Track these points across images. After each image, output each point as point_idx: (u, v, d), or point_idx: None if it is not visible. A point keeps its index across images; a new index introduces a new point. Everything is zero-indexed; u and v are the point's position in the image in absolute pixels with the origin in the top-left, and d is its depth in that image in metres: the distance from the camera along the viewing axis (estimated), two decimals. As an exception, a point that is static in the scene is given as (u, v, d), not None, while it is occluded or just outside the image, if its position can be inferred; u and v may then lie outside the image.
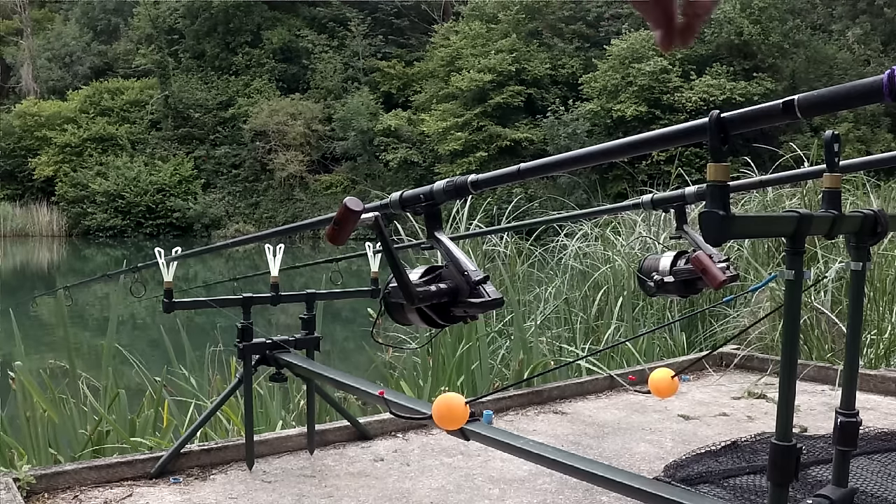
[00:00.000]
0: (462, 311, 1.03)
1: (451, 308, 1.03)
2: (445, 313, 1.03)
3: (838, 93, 0.67)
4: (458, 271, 1.02)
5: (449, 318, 1.04)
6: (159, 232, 27.65)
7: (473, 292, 1.01)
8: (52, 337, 7.34)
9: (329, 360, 4.92)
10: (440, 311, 1.03)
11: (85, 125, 29.00)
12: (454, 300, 1.02)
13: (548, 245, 6.05)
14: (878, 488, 2.26)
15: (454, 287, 1.02)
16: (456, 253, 1.03)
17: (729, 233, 1.21)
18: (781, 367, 1.42)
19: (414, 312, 1.03)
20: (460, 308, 1.02)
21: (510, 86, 24.58)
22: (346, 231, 1.05)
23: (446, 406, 1.34)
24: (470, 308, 1.01)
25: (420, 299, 1.00)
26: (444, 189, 1.07)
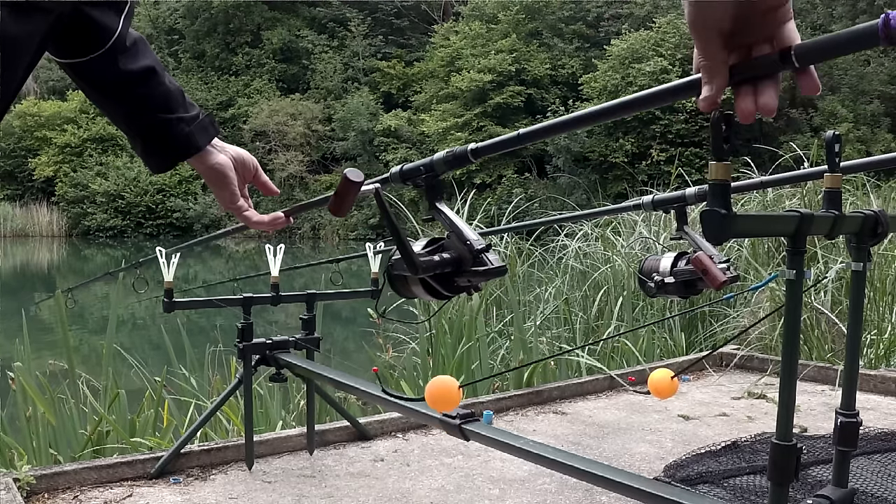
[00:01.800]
0: (466, 281, 1.02)
1: (454, 278, 1.03)
2: (450, 283, 1.03)
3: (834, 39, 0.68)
4: (460, 241, 1.02)
5: (453, 288, 1.03)
6: (159, 232, 27.65)
7: (476, 261, 1.00)
8: (51, 337, 7.34)
9: (329, 360, 4.92)
10: (444, 282, 1.03)
11: (85, 125, 29.00)
12: (458, 270, 1.02)
13: (548, 245, 6.05)
14: (878, 488, 2.26)
15: (457, 257, 1.02)
16: (458, 223, 1.03)
17: (730, 231, 1.21)
18: (782, 367, 1.42)
19: (418, 284, 1.03)
20: (464, 277, 1.02)
21: (510, 86, 24.58)
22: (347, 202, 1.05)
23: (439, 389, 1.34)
24: (474, 277, 1.01)
25: (423, 269, 0.99)
26: (444, 159, 1.07)
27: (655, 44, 22.77)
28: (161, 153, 1.08)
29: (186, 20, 31.05)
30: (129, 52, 1.00)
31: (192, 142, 1.08)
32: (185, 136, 1.06)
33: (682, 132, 21.76)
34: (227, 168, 1.12)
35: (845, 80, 22.77)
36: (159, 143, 1.07)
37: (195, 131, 1.07)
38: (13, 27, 0.80)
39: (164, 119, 1.05)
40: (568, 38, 26.30)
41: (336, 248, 22.67)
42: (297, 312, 2.68)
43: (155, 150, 1.08)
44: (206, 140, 1.09)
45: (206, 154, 1.10)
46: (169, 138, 1.06)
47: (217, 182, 1.12)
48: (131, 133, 1.08)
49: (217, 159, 1.11)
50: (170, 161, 1.09)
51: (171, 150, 1.07)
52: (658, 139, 22.10)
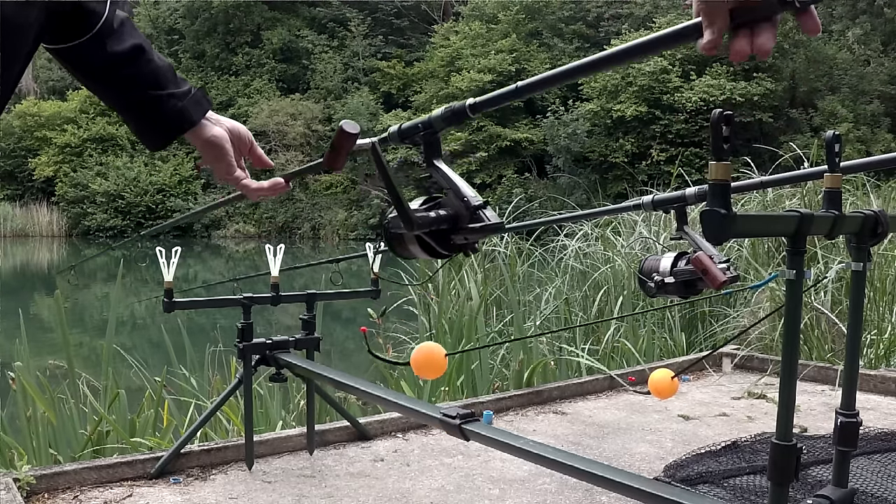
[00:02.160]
0: (462, 238, 1.01)
1: (451, 235, 1.02)
2: (446, 241, 1.02)
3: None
4: (457, 198, 1.01)
5: (450, 246, 1.02)
6: (159, 232, 27.63)
7: (473, 217, 1.00)
8: (51, 337, 7.34)
9: (329, 360, 4.93)
10: (441, 240, 1.02)
11: (85, 125, 28.98)
12: (454, 227, 1.01)
13: (548, 245, 6.05)
14: (878, 488, 2.26)
15: (454, 214, 1.01)
16: (456, 180, 1.02)
17: (730, 231, 1.21)
18: (782, 367, 1.42)
19: (414, 242, 1.02)
20: (461, 235, 1.01)
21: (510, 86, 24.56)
22: (342, 155, 1.05)
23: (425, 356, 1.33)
24: (470, 234, 1.00)
25: (419, 225, 0.99)
26: (442, 116, 1.06)
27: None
28: (156, 130, 1.09)
29: (186, 20, 31.04)
30: (116, 34, 1.01)
31: (186, 116, 1.08)
32: (178, 111, 1.07)
33: (682, 132, 21.76)
34: (224, 140, 1.12)
35: (845, 80, 22.77)
36: (153, 120, 1.07)
37: (188, 106, 1.08)
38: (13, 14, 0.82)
39: (156, 96, 1.05)
40: (568, 38, 26.29)
41: (336, 248, 22.67)
42: (297, 312, 2.68)
43: (149, 128, 1.09)
44: (199, 114, 1.09)
45: (202, 128, 1.10)
46: (162, 115, 1.06)
47: (214, 154, 1.13)
48: (125, 113, 1.09)
49: (213, 132, 1.11)
50: (166, 137, 1.09)
51: (165, 126, 1.08)
52: (658, 139, 22.10)
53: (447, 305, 4.55)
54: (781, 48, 22.52)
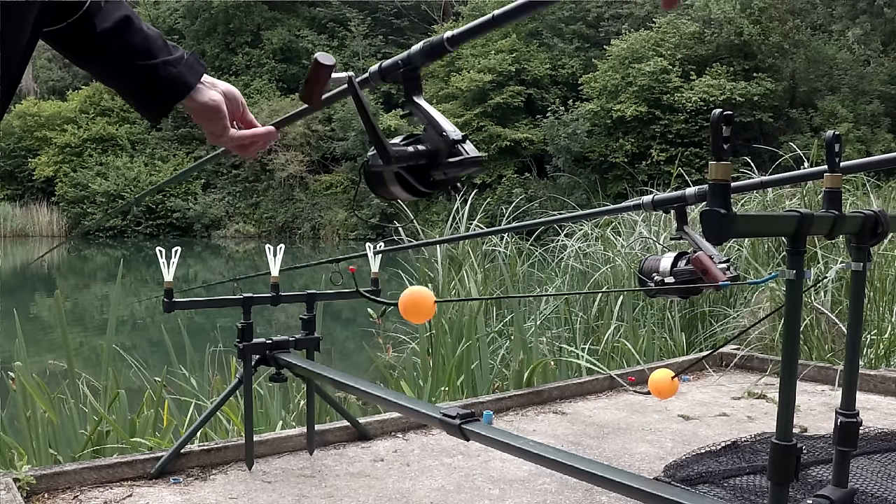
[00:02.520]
0: (442, 174, 0.99)
1: (431, 171, 1.00)
2: (425, 178, 1.00)
3: None
4: (436, 132, 0.99)
5: (430, 183, 1.00)
6: (159, 232, 27.63)
7: (452, 152, 0.98)
8: (51, 337, 7.34)
9: (329, 360, 4.93)
10: (420, 176, 1.00)
11: (85, 125, 28.97)
12: (433, 162, 0.99)
13: (548, 245, 6.05)
14: (878, 488, 2.26)
15: (433, 149, 0.99)
16: (435, 115, 1.00)
17: (730, 231, 1.21)
18: (782, 367, 1.42)
19: (394, 181, 1.00)
20: (440, 170, 0.99)
21: (510, 86, 24.57)
22: (318, 88, 1.04)
23: (413, 299, 1.33)
24: (449, 168, 0.98)
25: (396, 158, 0.97)
26: (422, 50, 1.05)
27: (655, 44, 22.77)
28: (154, 99, 1.08)
29: (186, 20, 31.04)
30: (104, 10, 1.01)
31: (182, 81, 1.08)
32: (174, 77, 1.06)
33: (682, 132, 21.76)
34: (220, 104, 1.12)
35: (845, 80, 22.77)
36: (150, 89, 1.07)
37: (183, 71, 1.07)
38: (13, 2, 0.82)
39: (150, 65, 1.05)
40: (568, 38, 26.29)
41: (336, 248, 22.67)
42: (297, 312, 2.68)
43: (147, 98, 1.08)
44: (195, 78, 1.09)
45: (198, 92, 1.10)
46: (158, 83, 1.06)
47: (211, 117, 1.12)
48: (121, 88, 1.08)
49: (210, 96, 1.11)
50: (165, 105, 1.09)
51: (163, 94, 1.07)
52: (658, 139, 22.10)
53: (447, 306, 4.55)
54: (781, 48, 22.53)
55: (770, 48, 22.47)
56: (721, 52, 22.72)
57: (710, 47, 22.67)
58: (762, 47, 22.49)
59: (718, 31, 22.34)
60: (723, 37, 22.31)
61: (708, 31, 22.63)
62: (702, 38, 22.77)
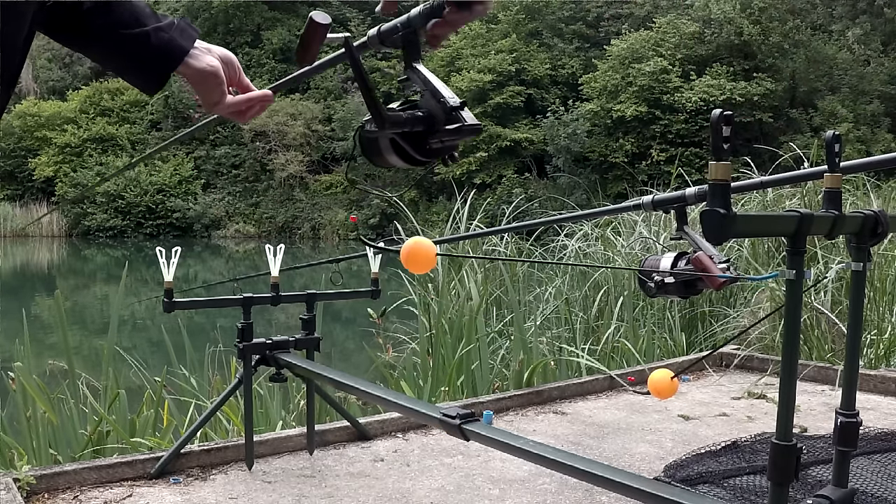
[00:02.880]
0: (438, 142, 0.96)
1: (427, 139, 0.96)
2: (421, 146, 0.97)
3: None
4: (434, 98, 0.96)
5: (426, 151, 0.97)
6: (159, 232, 27.64)
7: (450, 118, 0.94)
8: (51, 337, 7.34)
9: (329, 361, 4.93)
10: (416, 144, 0.97)
11: (85, 125, 28.99)
12: (430, 129, 0.96)
13: (548, 245, 6.05)
14: (878, 488, 2.26)
15: (430, 115, 0.96)
16: (433, 81, 0.97)
17: (730, 231, 1.21)
18: (782, 367, 1.42)
19: (389, 147, 0.96)
20: (436, 138, 0.95)
21: (510, 86, 24.57)
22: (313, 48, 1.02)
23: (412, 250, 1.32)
24: (446, 136, 0.94)
25: (391, 123, 0.94)
26: (421, 12, 1.01)
27: (655, 44, 22.77)
28: (151, 68, 1.06)
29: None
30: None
31: (177, 45, 1.05)
32: (167, 42, 1.04)
33: (682, 132, 21.76)
34: (218, 69, 1.10)
35: (845, 80, 22.76)
36: (144, 59, 1.04)
37: (175, 36, 1.05)
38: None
39: (141, 33, 1.02)
40: (568, 38, 26.29)
41: (336, 248, 22.68)
42: (297, 312, 2.68)
43: (142, 68, 1.06)
44: (189, 42, 1.07)
45: (194, 58, 1.07)
46: (153, 49, 1.04)
47: (209, 83, 1.10)
48: (115, 63, 1.06)
49: (207, 61, 1.09)
50: (162, 73, 1.06)
51: (158, 60, 1.05)
52: (658, 139, 22.10)
53: (447, 305, 4.55)
54: (781, 48, 22.53)
55: (770, 48, 22.48)
56: (721, 52, 22.73)
57: (710, 47, 22.68)
58: (762, 47, 22.50)
59: (718, 31, 22.35)
60: (723, 37, 22.31)
61: (708, 31, 22.63)
62: (702, 38, 22.77)
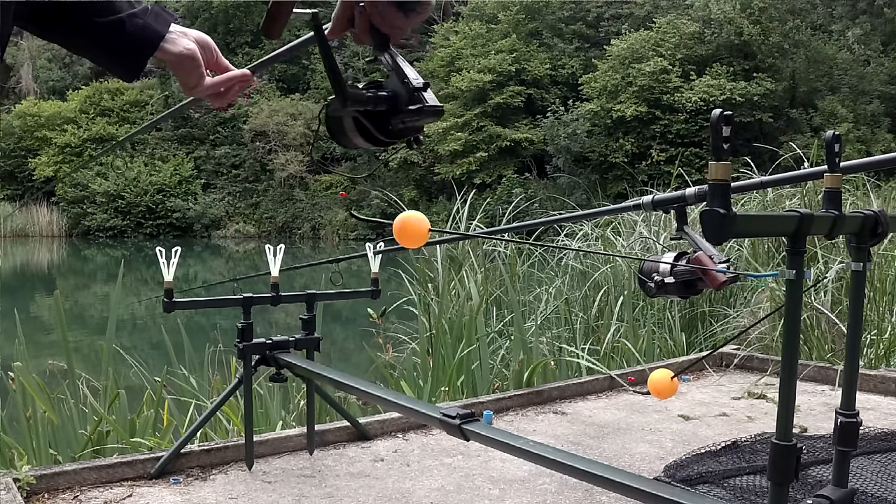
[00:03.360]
0: (400, 123, 0.97)
1: (390, 119, 0.97)
2: (384, 126, 0.98)
3: None
4: (398, 78, 0.96)
5: (388, 132, 0.98)
6: (159, 232, 27.65)
7: (413, 99, 0.95)
8: (51, 337, 7.34)
9: (329, 361, 4.93)
10: (378, 124, 0.98)
11: (85, 125, 28.98)
12: (393, 109, 0.96)
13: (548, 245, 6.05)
14: (878, 488, 2.26)
15: (393, 94, 0.96)
16: (400, 62, 0.98)
17: (730, 231, 1.21)
18: (782, 367, 1.42)
19: (353, 126, 0.97)
20: (398, 119, 0.96)
21: (510, 86, 24.56)
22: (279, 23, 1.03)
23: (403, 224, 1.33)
24: (408, 116, 0.95)
25: (353, 100, 0.94)
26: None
27: (655, 44, 22.76)
28: (128, 55, 1.08)
29: (186, 20, 31.02)
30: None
31: (152, 31, 1.07)
32: (142, 28, 1.06)
33: (682, 132, 21.75)
34: (195, 52, 1.12)
35: (845, 80, 22.77)
36: (121, 46, 1.06)
37: (150, 21, 1.07)
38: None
39: (115, 20, 1.04)
40: (568, 38, 26.28)
41: (336, 248, 22.68)
42: (297, 312, 2.68)
43: (121, 55, 1.08)
44: (164, 26, 1.09)
45: (171, 42, 1.10)
46: (128, 37, 1.06)
47: (186, 67, 1.12)
48: (92, 51, 1.08)
49: (184, 44, 1.11)
50: (140, 59, 1.08)
51: (134, 47, 1.07)
52: (658, 139, 22.10)
53: (447, 305, 4.55)
54: (781, 48, 22.53)
55: (770, 48, 22.47)
56: (721, 52, 22.73)
57: (710, 47, 22.67)
58: (762, 47, 22.49)
59: (718, 31, 22.34)
60: (723, 37, 22.31)
61: (708, 31, 22.62)
62: (702, 38, 22.76)
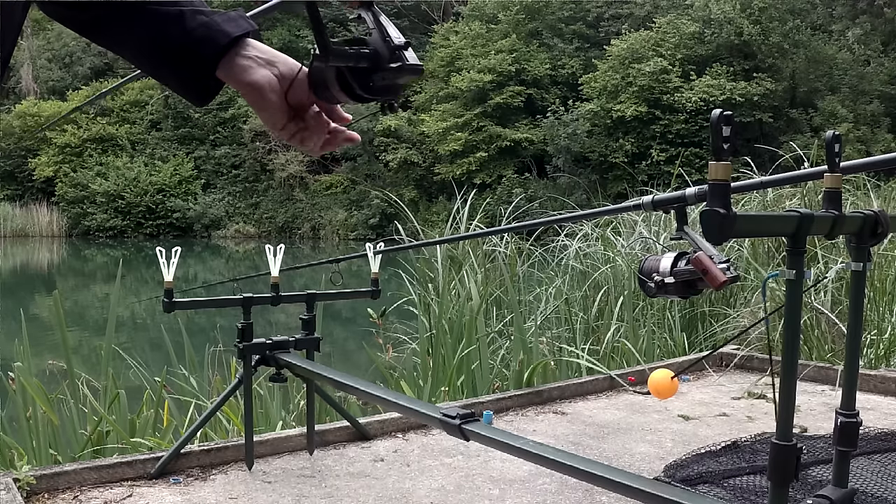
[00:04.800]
0: (381, 80, 0.98)
1: (371, 76, 0.99)
2: (366, 83, 1.00)
3: None
4: (380, 37, 0.98)
5: (369, 88, 0.99)
6: (159, 232, 27.64)
7: (393, 57, 0.97)
8: (51, 337, 7.34)
9: (329, 361, 4.93)
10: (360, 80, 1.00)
11: (85, 125, 28.98)
12: (375, 66, 0.98)
13: (548, 245, 6.05)
14: (878, 488, 2.26)
15: (375, 52, 0.98)
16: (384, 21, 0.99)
17: (730, 231, 1.21)
18: (782, 367, 1.42)
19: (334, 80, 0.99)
20: (380, 76, 0.98)
21: (510, 86, 24.57)
22: None
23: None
24: (388, 74, 0.97)
25: (335, 56, 0.96)
26: None
27: (655, 44, 22.77)
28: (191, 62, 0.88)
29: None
30: None
31: (218, 29, 0.87)
32: (206, 24, 0.87)
33: (682, 132, 21.76)
34: (265, 88, 0.91)
35: (845, 80, 22.77)
36: (182, 48, 0.87)
37: (219, 20, 0.88)
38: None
39: (175, 12, 0.87)
40: (568, 38, 26.29)
41: (336, 248, 22.67)
42: (297, 312, 2.68)
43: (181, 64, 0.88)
44: (235, 28, 0.88)
45: (242, 68, 0.89)
46: (188, 36, 0.86)
47: (256, 104, 0.93)
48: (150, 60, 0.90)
49: (254, 76, 0.90)
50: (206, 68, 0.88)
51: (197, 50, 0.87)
52: (658, 139, 22.10)
53: (447, 305, 4.55)
54: (781, 48, 22.53)
55: (770, 48, 22.48)
56: (721, 52, 22.73)
57: (710, 47, 22.68)
58: (762, 47, 22.50)
59: (718, 31, 22.35)
60: (723, 37, 22.31)
61: (708, 31, 22.62)
62: (702, 38, 22.77)
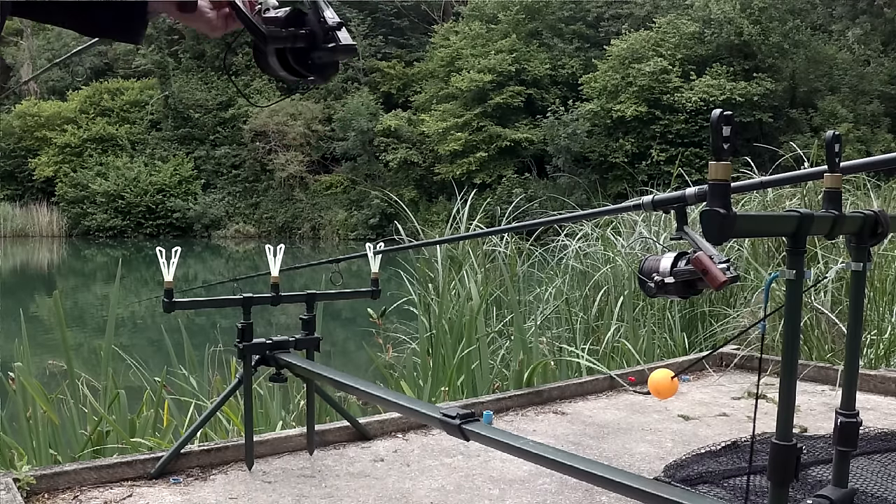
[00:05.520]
0: (319, 59, 1.05)
1: (310, 54, 1.05)
2: (304, 61, 1.05)
3: None
4: (316, 17, 1.04)
5: (307, 66, 1.06)
6: (159, 232, 27.64)
7: (327, 38, 1.03)
8: (51, 337, 7.34)
9: (329, 361, 4.93)
10: (298, 58, 1.05)
11: (85, 125, 28.97)
12: (311, 46, 1.04)
13: (548, 245, 6.05)
14: (878, 488, 2.26)
15: (311, 32, 1.04)
16: (319, 1, 1.05)
17: (730, 231, 1.21)
18: (782, 367, 1.42)
19: (274, 57, 1.05)
20: (318, 55, 1.05)
21: (510, 86, 24.57)
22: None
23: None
24: (324, 53, 1.03)
25: (272, 39, 1.02)
26: None
27: (655, 44, 22.77)
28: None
29: (186, 20, 31.04)
30: None
31: None
32: None
33: (682, 132, 21.76)
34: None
35: (845, 80, 22.77)
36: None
37: None
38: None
39: None
40: (568, 38, 26.29)
41: (336, 248, 22.68)
42: (297, 312, 2.68)
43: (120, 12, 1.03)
44: None
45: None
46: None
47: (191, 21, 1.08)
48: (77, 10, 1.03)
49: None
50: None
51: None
52: (658, 139, 22.10)
53: (447, 305, 4.55)
54: (781, 48, 22.53)
55: (770, 48, 22.48)
56: (721, 52, 22.73)
57: (710, 47, 22.68)
58: (762, 47, 22.50)
59: (718, 31, 22.35)
60: (723, 37, 22.31)
61: (708, 31, 22.63)
62: (702, 38, 22.77)
